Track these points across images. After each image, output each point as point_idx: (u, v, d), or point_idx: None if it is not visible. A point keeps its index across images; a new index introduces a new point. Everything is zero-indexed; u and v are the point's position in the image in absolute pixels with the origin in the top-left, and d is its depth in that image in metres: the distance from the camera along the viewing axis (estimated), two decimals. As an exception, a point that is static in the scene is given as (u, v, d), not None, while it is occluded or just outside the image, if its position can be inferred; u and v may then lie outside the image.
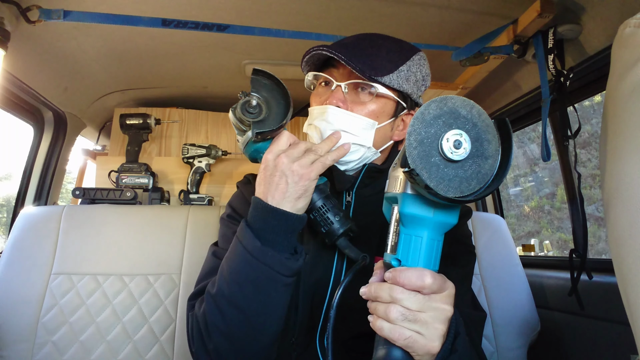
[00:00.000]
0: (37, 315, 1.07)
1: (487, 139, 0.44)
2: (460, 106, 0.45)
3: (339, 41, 0.77)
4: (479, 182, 0.44)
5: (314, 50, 0.71)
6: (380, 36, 0.77)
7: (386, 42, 0.75)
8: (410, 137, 0.44)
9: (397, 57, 0.73)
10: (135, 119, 1.59)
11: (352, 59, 0.68)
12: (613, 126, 0.32)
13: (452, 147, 0.43)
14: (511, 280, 1.28)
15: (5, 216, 4.41)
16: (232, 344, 0.62)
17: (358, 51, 0.71)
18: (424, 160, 0.44)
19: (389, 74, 0.70)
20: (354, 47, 0.72)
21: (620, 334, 1.01)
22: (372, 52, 0.72)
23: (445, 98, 0.44)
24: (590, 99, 3.96)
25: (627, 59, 0.32)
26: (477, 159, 0.44)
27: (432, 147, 0.44)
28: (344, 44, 0.73)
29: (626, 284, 0.31)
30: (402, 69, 0.72)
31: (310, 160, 0.63)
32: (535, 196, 5.37)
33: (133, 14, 1.03)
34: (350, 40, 0.75)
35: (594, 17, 0.99)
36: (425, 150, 0.44)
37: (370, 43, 0.74)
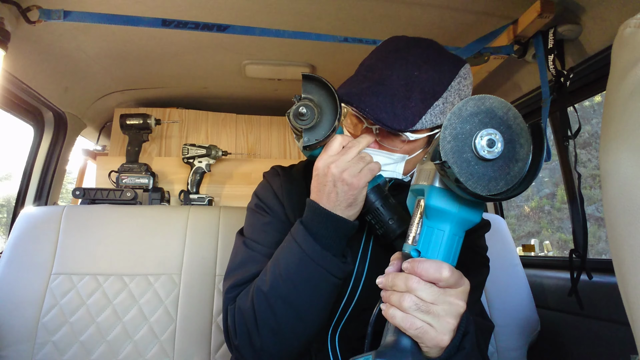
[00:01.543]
0: (38, 316, 1.07)
1: (520, 142, 0.45)
2: (498, 107, 0.45)
3: (370, 71, 0.71)
4: (507, 184, 0.45)
5: (342, 99, 0.65)
6: (417, 61, 0.69)
7: (423, 72, 0.68)
8: (446, 131, 0.45)
9: (433, 92, 0.68)
10: (136, 119, 1.59)
11: (382, 112, 0.64)
12: (613, 126, 0.32)
13: (485, 146, 0.44)
14: (511, 281, 1.28)
15: (5, 216, 4.40)
16: (279, 339, 0.65)
17: (389, 98, 0.65)
18: (457, 154, 0.44)
19: (422, 117, 0.66)
20: (385, 90, 0.66)
21: (620, 334, 1.01)
22: (406, 93, 0.66)
23: (483, 97, 0.45)
24: (590, 99, 3.96)
25: (627, 59, 0.32)
26: (508, 161, 0.45)
27: (465, 143, 0.45)
28: (373, 89, 0.66)
29: (626, 284, 0.31)
30: (438, 104, 0.68)
31: (359, 169, 0.62)
32: (535, 196, 5.37)
33: (133, 14, 1.03)
34: (382, 75, 0.68)
35: (594, 17, 0.99)
36: (458, 145, 0.45)
37: (404, 79, 0.67)
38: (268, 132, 1.88)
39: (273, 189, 0.80)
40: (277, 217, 0.77)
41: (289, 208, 0.77)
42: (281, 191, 0.79)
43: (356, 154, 0.63)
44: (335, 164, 0.62)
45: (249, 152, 1.82)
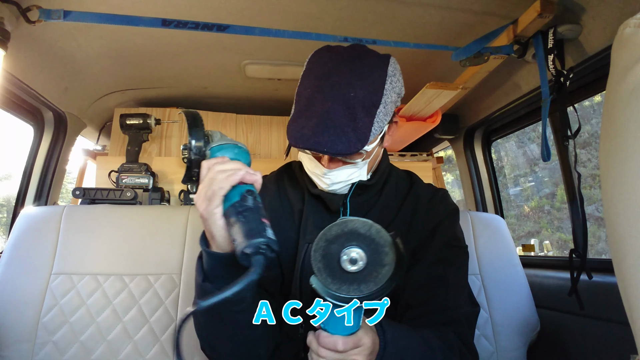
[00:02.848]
0: (38, 315, 1.07)
1: (384, 251, 0.55)
2: (360, 227, 0.55)
3: (311, 109, 0.72)
4: (377, 284, 0.55)
5: (297, 146, 0.71)
6: (349, 80, 0.72)
7: (357, 88, 0.71)
8: (316, 253, 0.55)
9: (373, 102, 0.71)
10: (135, 119, 1.59)
11: (337, 144, 0.68)
12: (613, 126, 0.32)
13: (348, 263, 0.54)
14: (511, 280, 1.28)
15: (5, 216, 4.41)
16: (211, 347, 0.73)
17: (338, 130, 0.68)
18: (327, 271, 0.55)
19: (372, 129, 0.70)
20: (332, 124, 0.69)
21: (620, 334, 1.01)
22: (350, 117, 0.69)
23: (346, 221, 0.55)
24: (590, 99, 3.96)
25: (627, 59, 0.32)
26: (375, 266, 0.55)
27: (333, 260, 0.55)
28: (319, 125, 0.69)
29: (626, 284, 0.31)
30: (380, 110, 0.72)
31: (202, 196, 0.60)
32: (535, 196, 5.37)
33: (133, 14, 1.03)
34: (322, 108, 0.70)
35: (594, 17, 0.99)
36: (327, 263, 0.55)
37: (343, 105, 0.70)
38: (268, 132, 1.88)
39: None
40: None
41: None
42: None
43: (208, 180, 0.60)
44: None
45: (249, 152, 1.82)
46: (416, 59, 1.41)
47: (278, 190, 0.88)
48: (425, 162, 1.93)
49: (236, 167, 0.60)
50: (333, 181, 0.77)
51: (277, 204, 0.86)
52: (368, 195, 0.84)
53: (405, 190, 0.89)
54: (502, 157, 5.56)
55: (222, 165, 0.60)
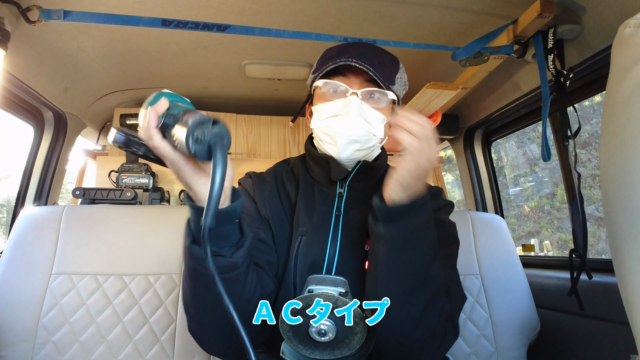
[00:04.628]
0: (38, 316, 1.07)
1: (355, 321, 0.56)
2: (326, 299, 0.56)
3: (347, 48, 0.79)
4: (351, 349, 0.56)
5: (340, 62, 0.74)
6: (374, 45, 0.83)
7: (382, 51, 0.81)
8: (284, 324, 0.56)
9: (394, 67, 0.80)
10: (135, 119, 1.59)
11: (375, 68, 0.74)
12: (613, 126, 0.32)
13: (317, 334, 0.55)
14: (511, 280, 1.28)
15: (5, 216, 4.40)
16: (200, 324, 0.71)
17: (374, 61, 0.75)
18: (297, 338, 0.56)
19: (395, 81, 0.78)
20: (369, 57, 0.76)
21: (620, 334, 1.01)
22: (381, 62, 0.77)
23: (311, 295, 0.56)
24: (590, 99, 3.96)
25: (627, 59, 0.32)
26: (347, 335, 0.56)
27: (302, 330, 0.56)
28: (359, 54, 0.76)
29: (626, 284, 0.31)
30: (398, 77, 0.80)
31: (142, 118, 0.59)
32: (535, 196, 5.37)
33: (133, 14, 1.03)
34: (359, 50, 0.78)
35: (594, 17, 0.99)
36: (296, 332, 0.56)
37: (375, 53, 0.79)
38: (268, 132, 1.88)
39: (245, 189, 0.88)
40: (247, 211, 0.83)
41: (260, 202, 0.84)
42: (253, 190, 0.86)
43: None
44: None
45: (249, 152, 1.82)
46: (416, 59, 1.41)
47: (276, 185, 0.89)
48: (425, 162, 1.92)
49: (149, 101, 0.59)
50: (354, 123, 0.75)
51: (275, 198, 0.86)
52: (367, 183, 0.84)
53: None
54: (502, 157, 5.56)
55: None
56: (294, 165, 0.92)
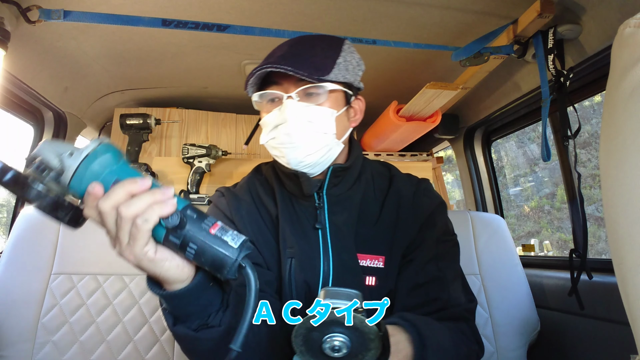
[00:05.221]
0: (38, 315, 1.07)
1: (369, 338, 0.52)
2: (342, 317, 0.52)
3: (275, 51, 0.76)
4: None
5: (257, 70, 0.70)
6: (309, 36, 0.79)
7: (316, 40, 0.77)
8: (297, 338, 0.52)
9: (332, 52, 0.75)
10: (135, 119, 1.59)
11: (297, 66, 0.69)
12: (613, 126, 0.32)
13: (331, 350, 0.52)
14: (511, 280, 1.28)
15: (5, 216, 4.40)
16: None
17: (298, 58, 0.71)
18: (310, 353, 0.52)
19: (332, 70, 0.72)
20: (292, 55, 0.72)
21: (620, 334, 1.01)
22: (310, 53, 0.73)
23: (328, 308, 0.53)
24: (590, 99, 3.96)
25: (627, 59, 0.32)
26: (361, 351, 0.52)
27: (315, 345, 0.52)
28: (281, 56, 0.72)
29: (626, 284, 0.31)
30: (340, 62, 0.74)
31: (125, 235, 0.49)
32: (535, 196, 5.37)
33: (133, 14, 1.03)
34: (285, 49, 0.75)
35: (594, 17, 0.99)
36: (309, 347, 0.52)
37: (304, 46, 0.75)
38: (268, 132, 1.88)
39: (221, 210, 0.83)
40: None
41: (240, 223, 0.80)
42: (229, 209, 0.81)
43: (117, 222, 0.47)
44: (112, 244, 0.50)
45: (249, 152, 1.82)
46: (416, 59, 1.41)
47: (253, 200, 0.84)
48: (425, 162, 1.92)
49: (143, 187, 0.47)
50: (294, 128, 0.71)
51: (255, 215, 0.82)
52: (344, 186, 0.80)
53: (385, 184, 0.85)
54: (502, 157, 5.56)
55: (119, 194, 0.46)
56: (267, 175, 0.87)
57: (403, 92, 1.59)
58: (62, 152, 0.46)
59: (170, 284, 0.52)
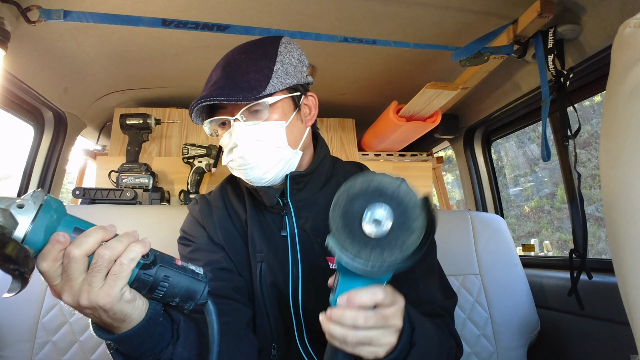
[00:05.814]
0: (37, 315, 1.07)
1: (413, 216, 0.46)
2: (387, 184, 0.47)
3: (207, 83, 0.77)
4: (402, 253, 0.46)
5: (195, 106, 0.71)
6: (241, 51, 0.77)
7: (248, 54, 0.76)
8: (335, 210, 0.47)
9: (267, 61, 0.74)
10: (136, 119, 1.59)
11: (230, 93, 0.69)
12: (613, 126, 0.32)
13: (371, 225, 0.46)
14: (511, 280, 1.28)
15: (5, 216, 4.40)
16: None
17: (232, 82, 0.71)
18: (346, 230, 0.47)
19: (269, 82, 0.72)
20: (225, 79, 0.72)
21: (620, 334, 1.01)
22: (242, 72, 0.72)
23: (372, 176, 0.47)
24: (590, 99, 3.96)
25: (627, 59, 0.32)
26: (402, 232, 0.46)
27: (354, 220, 0.46)
28: (215, 83, 0.73)
29: (626, 284, 0.31)
30: (277, 68, 0.73)
31: (99, 280, 0.48)
32: (535, 196, 5.37)
33: (133, 14, 1.03)
34: (219, 73, 0.75)
35: (594, 17, 0.99)
36: (347, 223, 0.47)
37: (236, 66, 0.74)
38: (268, 132, 1.88)
39: (194, 217, 0.85)
40: (199, 242, 0.81)
41: (211, 229, 0.81)
42: (200, 216, 0.83)
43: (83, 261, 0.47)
44: (66, 292, 0.49)
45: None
46: (416, 59, 1.41)
47: (225, 206, 0.85)
48: (425, 162, 1.93)
49: (112, 232, 0.51)
50: (246, 151, 0.71)
51: (226, 221, 0.83)
52: (310, 190, 0.80)
53: None
54: (502, 157, 5.56)
55: (94, 238, 0.49)
56: (240, 181, 0.87)
57: (403, 92, 1.59)
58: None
59: (124, 324, 0.51)
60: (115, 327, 0.51)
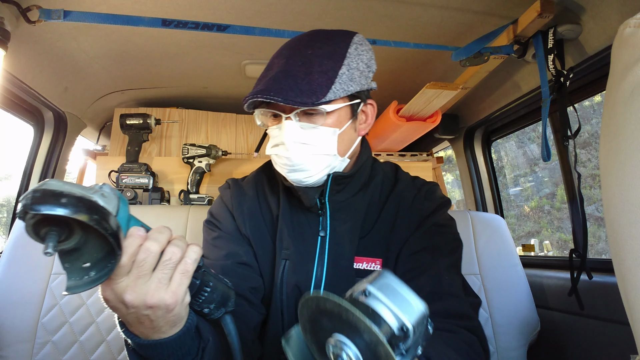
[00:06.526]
0: (37, 315, 1.07)
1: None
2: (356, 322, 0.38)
3: (268, 70, 0.73)
4: None
5: (250, 98, 0.67)
6: (306, 43, 0.72)
7: (316, 49, 0.70)
8: (304, 310, 0.42)
9: (333, 63, 0.69)
10: (136, 119, 1.59)
11: (289, 94, 0.65)
12: (613, 126, 0.32)
13: (333, 357, 0.39)
14: (511, 280, 1.28)
15: (5, 216, 4.41)
16: None
17: (291, 81, 0.67)
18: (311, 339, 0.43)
19: (331, 87, 0.67)
20: (285, 77, 0.67)
21: (620, 334, 1.01)
22: (305, 72, 0.68)
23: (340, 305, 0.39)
24: (590, 99, 3.96)
25: (627, 59, 0.32)
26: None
27: (321, 337, 0.41)
28: (275, 77, 0.68)
29: (626, 284, 0.31)
30: (342, 72, 0.69)
31: (166, 280, 0.47)
32: (535, 196, 5.37)
33: (133, 14, 1.03)
34: (280, 67, 0.70)
35: (594, 17, 0.99)
36: (314, 333, 0.43)
37: (300, 62, 0.69)
38: (268, 132, 1.88)
39: (224, 202, 0.83)
40: (226, 229, 0.79)
41: (239, 219, 0.79)
42: (231, 203, 0.81)
43: (154, 260, 0.46)
44: (131, 290, 0.45)
45: (249, 152, 1.82)
46: (416, 59, 1.41)
47: (257, 196, 0.82)
48: (425, 162, 1.93)
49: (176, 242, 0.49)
50: (293, 153, 0.68)
51: (256, 212, 0.80)
52: (349, 192, 0.77)
53: (389, 188, 0.82)
54: (502, 157, 5.57)
55: (164, 236, 0.48)
56: (276, 173, 0.82)
57: (403, 92, 1.59)
58: (80, 193, 0.40)
59: (174, 329, 0.50)
60: (155, 332, 0.49)
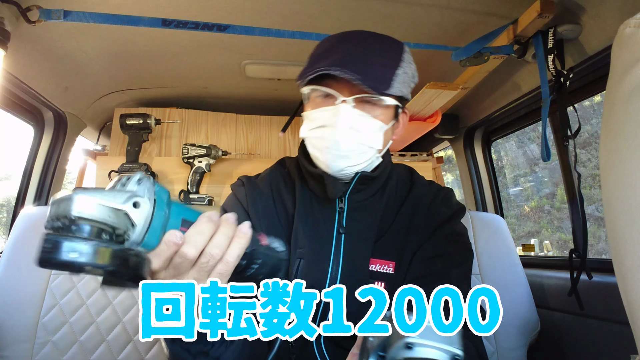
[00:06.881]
0: (37, 315, 1.07)
1: None
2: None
3: (335, 47, 0.71)
4: None
5: (320, 70, 0.65)
6: (367, 36, 0.73)
7: (375, 42, 0.72)
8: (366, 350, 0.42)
9: (392, 61, 0.70)
10: (136, 119, 1.59)
11: (361, 74, 0.64)
12: (613, 126, 0.32)
13: None
14: (511, 280, 1.28)
15: (5, 216, 4.41)
16: None
17: (360, 63, 0.66)
18: None
19: (392, 82, 0.68)
20: (352, 58, 0.67)
21: (620, 334, 1.01)
22: (370, 59, 0.68)
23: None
24: (590, 99, 3.96)
25: (627, 59, 0.32)
26: None
27: None
28: (341, 59, 0.67)
29: (626, 284, 0.31)
30: (399, 73, 0.70)
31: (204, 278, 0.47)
32: (535, 196, 5.37)
33: (133, 14, 1.03)
34: (344, 47, 0.69)
35: (594, 17, 0.99)
36: None
37: (363, 47, 0.70)
38: (268, 132, 1.88)
39: (238, 200, 0.81)
40: None
41: (254, 216, 0.78)
42: (246, 200, 0.80)
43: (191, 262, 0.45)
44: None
45: (249, 152, 1.82)
46: (416, 59, 1.40)
47: (272, 194, 0.82)
48: (425, 162, 1.93)
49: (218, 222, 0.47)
50: (343, 137, 0.67)
51: (271, 210, 0.80)
52: (369, 192, 0.78)
53: (405, 191, 0.83)
54: (502, 157, 5.56)
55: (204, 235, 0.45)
56: (291, 170, 0.84)
57: (403, 92, 1.59)
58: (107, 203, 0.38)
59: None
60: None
